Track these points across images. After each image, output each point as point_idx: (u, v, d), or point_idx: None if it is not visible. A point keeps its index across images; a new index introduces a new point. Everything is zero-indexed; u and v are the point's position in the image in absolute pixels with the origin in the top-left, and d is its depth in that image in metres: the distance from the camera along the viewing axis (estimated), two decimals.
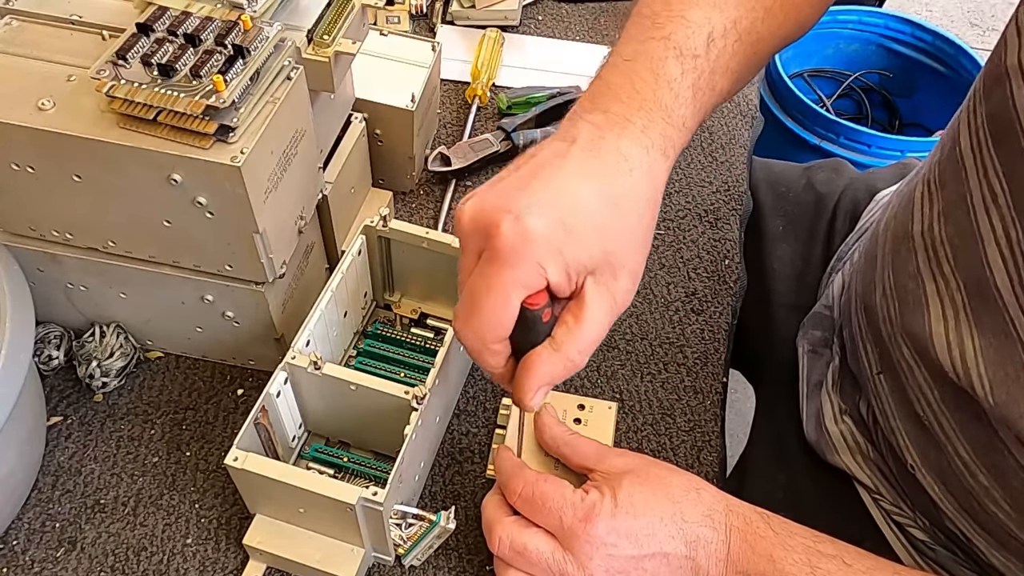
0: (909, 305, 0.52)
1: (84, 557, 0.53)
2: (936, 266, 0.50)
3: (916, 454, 0.54)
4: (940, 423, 0.51)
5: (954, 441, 0.50)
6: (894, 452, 0.57)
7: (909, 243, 0.53)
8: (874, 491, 0.60)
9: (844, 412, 0.63)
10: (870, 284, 0.58)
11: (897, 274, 0.54)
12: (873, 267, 0.58)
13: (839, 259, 0.74)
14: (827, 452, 0.63)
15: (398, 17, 0.84)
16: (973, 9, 2.39)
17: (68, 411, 0.59)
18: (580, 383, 0.63)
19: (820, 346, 0.68)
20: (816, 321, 0.70)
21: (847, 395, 0.63)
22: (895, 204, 0.58)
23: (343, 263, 0.56)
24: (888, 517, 0.60)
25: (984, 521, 0.50)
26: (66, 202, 0.50)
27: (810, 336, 0.69)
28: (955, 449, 0.50)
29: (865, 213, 0.75)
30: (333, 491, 0.46)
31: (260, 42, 0.47)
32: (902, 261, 0.53)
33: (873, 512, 0.61)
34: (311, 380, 0.51)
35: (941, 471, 0.52)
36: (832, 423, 0.63)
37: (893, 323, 0.54)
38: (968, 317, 0.47)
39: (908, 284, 0.52)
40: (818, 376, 0.67)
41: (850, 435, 0.62)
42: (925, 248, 0.51)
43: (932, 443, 0.52)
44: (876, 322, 0.56)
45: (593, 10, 0.94)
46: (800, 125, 1.45)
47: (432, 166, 0.73)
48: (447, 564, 0.53)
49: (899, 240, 0.54)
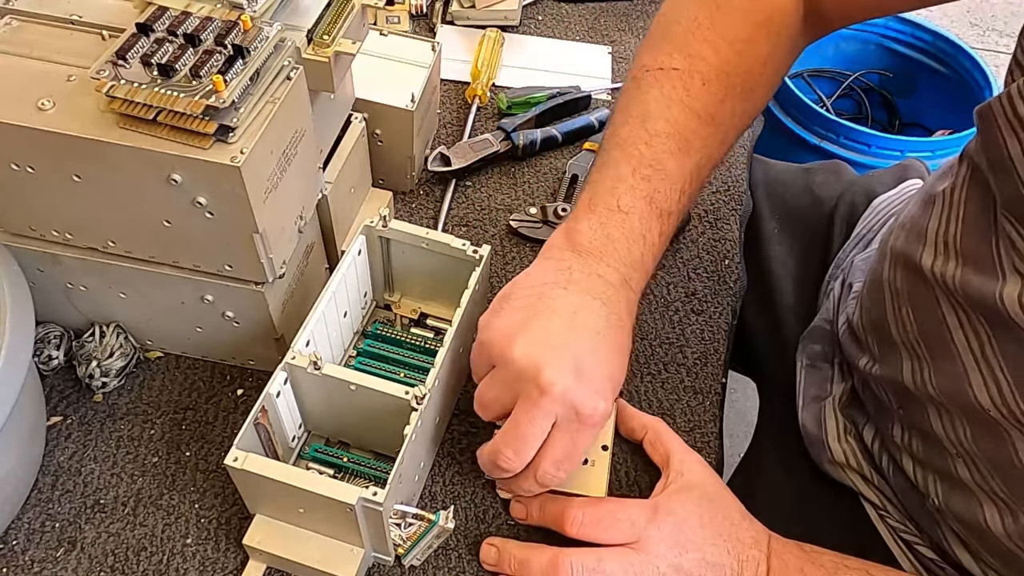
0: (935, 342, 0.52)
1: (84, 557, 0.53)
2: (955, 300, 0.49)
3: (941, 497, 0.54)
4: (974, 461, 0.50)
5: (989, 481, 0.49)
6: (908, 483, 0.56)
7: (923, 276, 0.52)
8: (880, 508, 0.60)
9: (849, 432, 0.62)
10: (882, 321, 0.57)
11: (916, 310, 0.53)
12: (882, 302, 0.57)
13: (837, 266, 0.74)
14: (829, 469, 0.63)
15: (398, 17, 0.84)
16: (973, 9, 2.39)
17: (68, 411, 0.59)
18: None
19: (819, 360, 0.68)
20: (816, 335, 0.69)
21: (854, 417, 0.62)
22: (901, 239, 0.57)
23: (343, 263, 0.56)
24: (895, 533, 0.60)
25: (1010, 559, 0.50)
26: (66, 202, 0.50)
27: (809, 350, 0.69)
28: (991, 488, 0.49)
29: (862, 220, 0.75)
30: (333, 491, 0.46)
31: (260, 42, 0.47)
32: (921, 296, 0.53)
33: (879, 527, 0.61)
34: (311, 380, 0.51)
35: (969, 511, 0.52)
36: (835, 441, 0.62)
37: (921, 361, 0.53)
38: (995, 350, 0.47)
39: (931, 320, 0.52)
40: (816, 390, 0.66)
41: (852, 456, 0.61)
42: (938, 282, 0.51)
43: (960, 488, 0.52)
44: (897, 363, 0.55)
45: (593, 10, 0.94)
46: (800, 125, 1.45)
47: (432, 166, 0.73)
48: (447, 564, 0.53)
49: (913, 275, 0.54)
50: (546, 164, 0.78)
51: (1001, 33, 2.32)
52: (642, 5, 0.95)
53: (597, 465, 0.56)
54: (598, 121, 0.79)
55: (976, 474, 0.50)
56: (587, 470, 0.56)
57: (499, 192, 0.75)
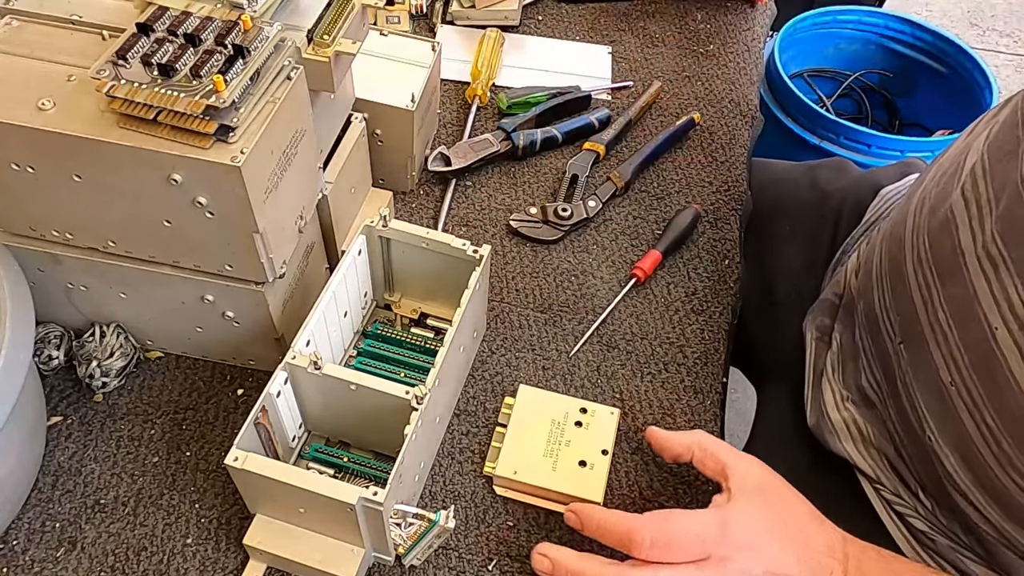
0: (947, 268, 0.52)
1: (84, 557, 0.53)
2: (976, 222, 0.49)
3: (934, 424, 0.54)
4: (968, 389, 0.50)
5: (981, 409, 0.50)
6: (908, 425, 0.57)
7: (948, 207, 0.52)
8: (875, 480, 0.61)
9: (846, 399, 0.63)
10: (899, 252, 0.57)
11: (934, 238, 0.53)
12: (901, 235, 0.57)
13: (844, 252, 0.74)
14: (829, 440, 0.63)
15: (398, 17, 0.84)
16: (973, 9, 2.39)
17: (68, 411, 0.59)
18: (580, 382, 0.63)
19: (827, 333, 0.68)
20: (824, 308, 0.70)
21: (849, 378, 0.63)
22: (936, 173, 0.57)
23: (343, 263, 0.56)
24: (889, 507, 0.60)
25: (999, 493, 0.50)
26: (66, 202, 0.50)
27: (819, 323, 0.69)
28: (981, 416, 0.50)
29: (871, 208, 0.75)
30: (333, 491, 0.46)
31: (260, 42, 0.47)
32: (940, 223, 0.53)
33: (875, 502, 0.61)
34: (311, 380, 0.51)
35: (959, 440, 0.52)
36: (834, 410, 0.63)
37: (930, 288, 0.53)
38: (1009, 269, 0.47)
39: (946, 245, 0.52)
40: (823, 364, 0.67)
41: (852, 422, 0.62)
42: (966, 207, 0.51)
43: (951, 413, 0.52)
44: (907, 291, 0.56)
45: (593, 10, 0.94)
46: (800, 125, 1.45)
47: (432, 166, 0.73)
48: (447, 564, 0.53)
49: (938, 204, 0.54)
50: (546, 164, 0.78)
51: (1001, 33, 2.32)
52: (642, 5, 0.95)
53: (596, 469, 0.56)
54: (598, 121, 0.79)
55: (970, 402, 0.50)
56: (586, 473, 0.56)
57: (499, 192, 0.75)
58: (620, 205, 0.75)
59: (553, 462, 0.56)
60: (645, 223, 0.74)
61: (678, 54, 0.90)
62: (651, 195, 0.76)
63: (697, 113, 0.82)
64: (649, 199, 0.76)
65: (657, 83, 0.84)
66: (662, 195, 0.76)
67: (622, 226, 0.73)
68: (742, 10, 0.97)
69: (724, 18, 0.95)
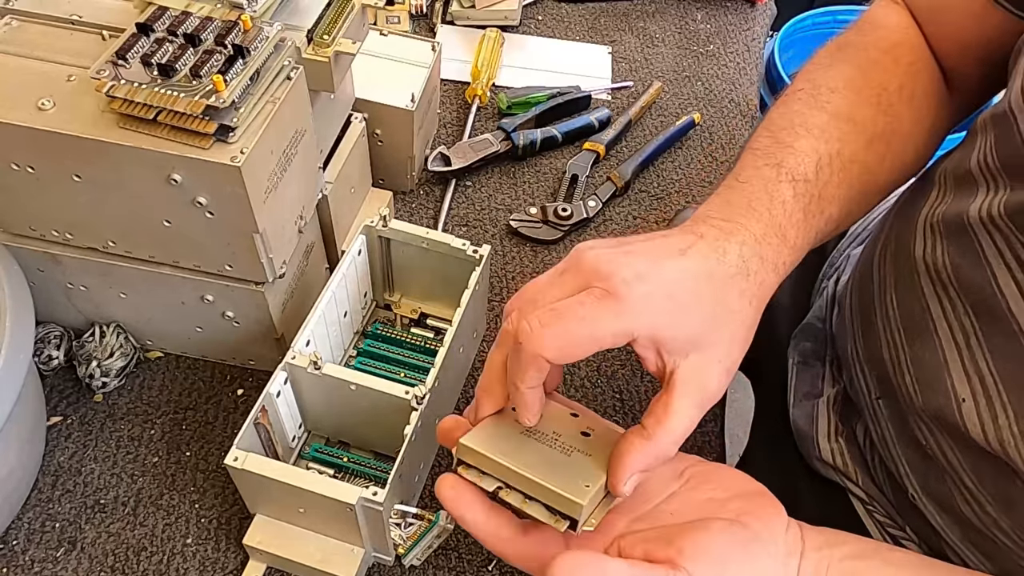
0: (915, 331, 0.51)
1: (84, 557, 0.53)
2: (941, 288, 0.49)
3: (916, 483, 0.53)
4: (943, 451, 0.50)
5: (959, 470, 0.49)
6: (892, 479, 0.56)
7: (911, 264, 0.52)
8: (867, 503, 0.60)
9: (840, 433, 0.62)
10: (868, 306, 0.57)
11: (901, 297, 0.53)
12: (870, 287, 0.57)
13: (831, 265, 0.74)
14: (819, 466, 0.63)
15: (398, 17, 0.84)
16: None
17: (68, 411, 0.59)
18: (580, 383, 0.63)
19: (811, 358, 0.68)
20: (808, 333, 0.69)
21: (846, 417, 0.62)
22: (892, 223, 0.57)
23: (343, 263, 0.56)
24: (883, 528, 0.60)
25: (990, 551, 0.50)
26: (66, 202, 0.50)
27: (801, 348, 0.69)
28: (959, 479, 0.49)
29: None
30: (333, 491, 0.46)
31: (260, 42, 0.47)
32: (906, 283, 0.52)
33: (866, 522, 0.61)
34: (311, 380, 0.51)
35: (943, 500, 0.51)
36: (825, 440, 0.62)
37: (897, 348, 0.53)
38: (980, 343, 0.46)
39: (915, 308, 0.51)
40: (807, 387, 0.66)
41: (841, 456, 0.61)
42: (927, 269, 0.51)
43: (934, 471, 0.51)
44: (877, 348, 0.55)
45: (593, 10, 0.94)
46: None
47: (432, 166, 0.73)
48: (447, 564, 0.53)
49: (902, 261, 0.54)
50: (546, 164, 0.78)
51: None
52: (642, 5, 0.95)
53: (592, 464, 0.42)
54: (598, 121, 0.79)
55: (946, 464, 0.50)
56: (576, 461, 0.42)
57: (499, 192, 0.75)
58: (620, 205, 0.75)
59: (536, 449, 0.42)
60: (645, 223, 0.74)
61: (678, 54, 0.90)
62: (651, 195, 0.76)
63: (697, 113, 0.82)
64: (649, 199, 0.76)
65: (657, 83, 0.84)
66: (662, 195, 0.76)
67: (622, 226, 0.73)
68: (742, 10, 0.97)
69: (724, 18, 0.95)
